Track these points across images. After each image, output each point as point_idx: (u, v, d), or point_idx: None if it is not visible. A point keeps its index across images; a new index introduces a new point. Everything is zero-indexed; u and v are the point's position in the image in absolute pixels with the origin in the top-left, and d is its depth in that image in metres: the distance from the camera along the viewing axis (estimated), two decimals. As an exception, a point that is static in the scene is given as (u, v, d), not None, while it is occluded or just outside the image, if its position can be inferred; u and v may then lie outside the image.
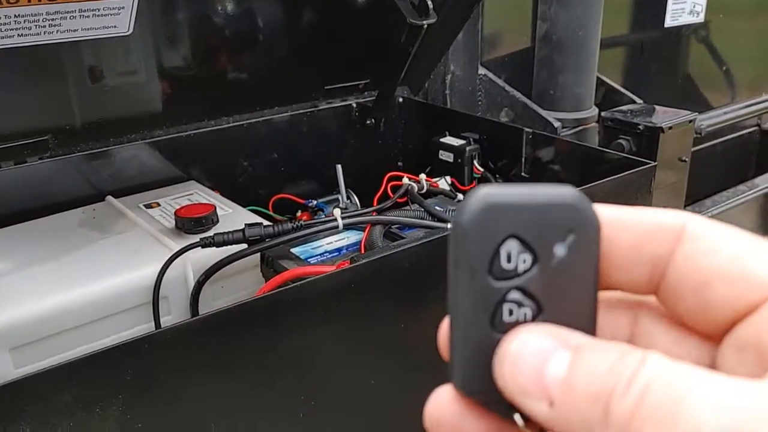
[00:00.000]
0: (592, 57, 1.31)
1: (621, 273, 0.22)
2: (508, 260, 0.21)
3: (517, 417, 0.21)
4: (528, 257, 0.21)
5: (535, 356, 0.20)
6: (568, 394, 0.18)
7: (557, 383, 0.19)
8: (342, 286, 0.62)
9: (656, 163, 0.86)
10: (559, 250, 0.21)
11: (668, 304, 0.22)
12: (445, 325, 0.23)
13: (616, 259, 0.22)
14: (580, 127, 1.30)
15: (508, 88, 1.26)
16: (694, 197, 1.62)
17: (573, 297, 0.21)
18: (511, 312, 0.21)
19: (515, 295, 0.21)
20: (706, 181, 1.81)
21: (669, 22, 1.71)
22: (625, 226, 0.22)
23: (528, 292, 0.21)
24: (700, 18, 1.78)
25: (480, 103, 1.30)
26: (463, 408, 0.22)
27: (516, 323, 0.21)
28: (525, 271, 0.21)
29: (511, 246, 0.21)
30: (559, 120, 1.21)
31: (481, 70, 1.28)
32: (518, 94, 1.26)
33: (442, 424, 0.22)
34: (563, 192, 0.21)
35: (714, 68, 1.89)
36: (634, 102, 1.37)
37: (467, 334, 0.22)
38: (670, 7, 1.68)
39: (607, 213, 0.22)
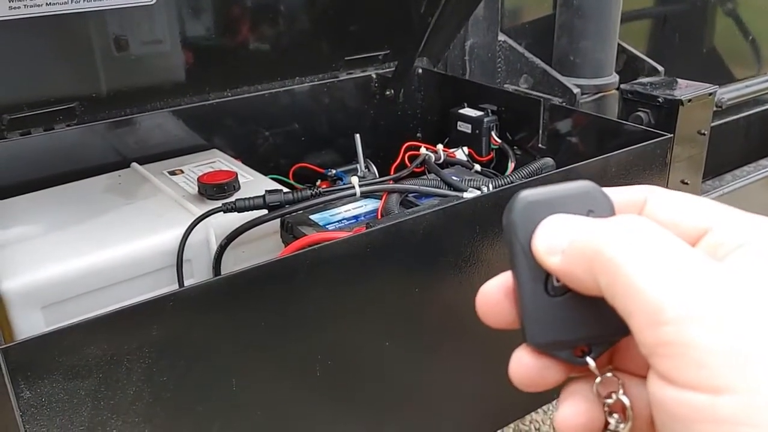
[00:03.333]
0: (613, 22, 1.29)
1: None
2: None
3: (588, 359, 0.28)
4: None
5: (552, 231, 0.28)
6: (571, 246, 0.27)
7: (566, 242, 0.27)
8: (357, 251, 0.64)
9: (672, 135, 0.86)
10: None
11: None
12: (483, 293, 0.30)
13: None
14: (600, 94, 1.29)
15: (527, 54, 1.26)
16: (716, 171, 1.61)
17: None
18: (558, 278, 0.28)
19: None
20: (729, 155, 1.79)
21: None
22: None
23: None
24: None
25: (499, 69, 1.30)
26: (537, 358, 0.28)
27: (563, 286, 0.28)
28: None
29: None
30: (579, 86, 1.20)
31: (501, 37, 1.28)
32: (538, 61, 1.25)
33: (524, 375, 0.29)
34: (580, 184, 0.29)
35: (739, 39, 1.85)
36: (656, 70, 1.36)
37: (530, 300, 0.28)
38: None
39: None
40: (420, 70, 1.24)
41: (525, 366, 0.29)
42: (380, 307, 0.69)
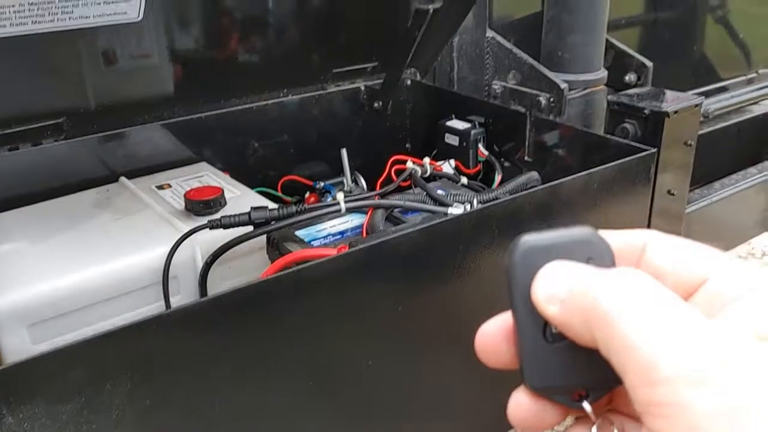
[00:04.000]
0: (601, 16, 1.29)
1: None
2: None
3: (585, 404, 0.29)
4: None
5: (550, 280, 0.28)
6: (568, 297, 0.27)
7: (564, 292, 0.27)
8: (340, 271, 0.65)
9: (655, 150, 0.87)
10: None
11: None
12: (482, 334, 0.31)
13: None
14: (588, 90, 1.29)
15: (515, 50, 1.26)
16: (708, 178, 1.62)
17: None
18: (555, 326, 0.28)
19: None
20: (721, 163, 1.80)
21: None
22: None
23: None
24: None
25: (488, 66, 1.30)
26: (535, 401, 0.29)
27: (560, 333, 0.28)
28: None
29: None
30: (567, 82, 1.21)
31: (489, 33, 1.28)
32: (525, 56, 1.25)
33: (521, 417, 0.29)
34: (580, 230, 0.29)
35: (729, 34, 1.86)
36: (644, 66, 1.36)
37: (528, 345, 0.29)
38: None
39: None
40: (408, 82, 1.25)
41: (523, 408, 0.29)
42: (364, 325, 0.70)
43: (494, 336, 0.30)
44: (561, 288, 0.27)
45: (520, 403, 0.29)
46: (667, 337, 0.23)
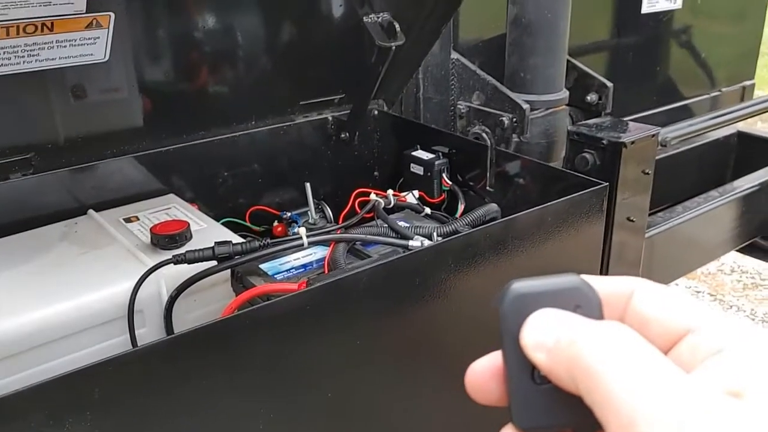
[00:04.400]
0: (562, 39, 1.33)
1: None
2: None
3: None
4: None
5: (539, 328, 0.29)
6: (555, 347, 0.28)
7: (551, 341, 0.29)
8: (298, 309, 0.67)
9: (607, 184, 0.90)
10: None
11: None
12: (472, 372, 0.32)
13: None
14: (549, 110, 1.32)
15: (479, 71, 1.29)
16: (672, 201, 1.66)
17: None
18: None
19: None
20: (685, 185, 1.85)
21: (646, 8, 1.73)
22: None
23: None
24: (678, 4, 1.80)
25: (453, 86, 1.34)
26: None
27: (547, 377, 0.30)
28: None
29: None
30: (528, 102, 1.24)
31: (454, 55, 1.31)
32: (489, 78, 1.28)
33: None
34: (569, 279, 0.30)
35: (692, 55, 1.92)
36: (605, 86, 1.40)
37: (516, 386, 0.30)
38: (647, -7, 1.70)
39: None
40: (375, 112, 1.28)
41: None
42: (324, 359, 0.72)
43: (484, 374, 0.32)
44: (549, 337, 0.29)
45: None
46: (645, 394, 0.25)
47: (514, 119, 1.25)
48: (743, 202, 1.69)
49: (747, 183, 1.68)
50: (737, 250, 1.86)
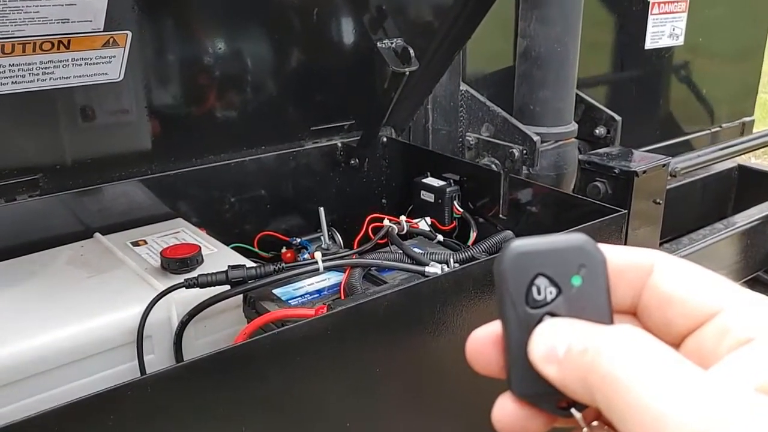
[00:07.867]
0: (571, 72, 1.34)
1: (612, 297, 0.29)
2: (539, 293, 0.29)
3: (574, 411, 0.28)
4: (553, 289, 0.28)
5: (549, 338, 0.28)
6: (566, 358, 0.27)
7: (562, 351, 0.27)
8: (317, 333, 0.65)
9: (626, 211, 0.89)
10: (576, 280, 0.28)
11: (642, 321, 0.29)
12: (473, 340, 0.31)
13: None
14: (559, 143, 1.32)
15: (488, 103, 1.30)
16: (676, 232, 1.65)
17: (591, 315, 0.28)
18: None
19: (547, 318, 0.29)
20: (687, 217, 1.85)
21: (649, 44, 1.75)
22: (611, 262, 0.29)
23: (557, 315, 0.29)
24: (680, 41, 1.83)
25: (462, 118, 1.33)
26: (520, 408, 0.29)
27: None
28: (552, 300, 0.28)
29: (540, 282, 0.29)
30: (539, 134, 1.24)
31: (463, 87, 1.32)
32: (498, 109, 1.28)
33: (505, 422, 0.29)
34: (574, 237, 0.29)
35: (693, 91, 1.94)
36: (613, 119, 1.41)
37: (516, 351, 0.29)
38: (650, 29, 1.73)
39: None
40: (385, 139, 1.27)
41: (508, 414, 0.29)
42: (342, 386, 0.69)
43: (484, 341, 0.30)
44: (560, 346, 0.27)
45: (506, 410, 0.29)
46: (672, 398, 0.23)
47: (525, 151, 1.24)
48: (748, 236, 1.68)
49: (750, 216, 1.69)
50: (741, 284, 1.86)
